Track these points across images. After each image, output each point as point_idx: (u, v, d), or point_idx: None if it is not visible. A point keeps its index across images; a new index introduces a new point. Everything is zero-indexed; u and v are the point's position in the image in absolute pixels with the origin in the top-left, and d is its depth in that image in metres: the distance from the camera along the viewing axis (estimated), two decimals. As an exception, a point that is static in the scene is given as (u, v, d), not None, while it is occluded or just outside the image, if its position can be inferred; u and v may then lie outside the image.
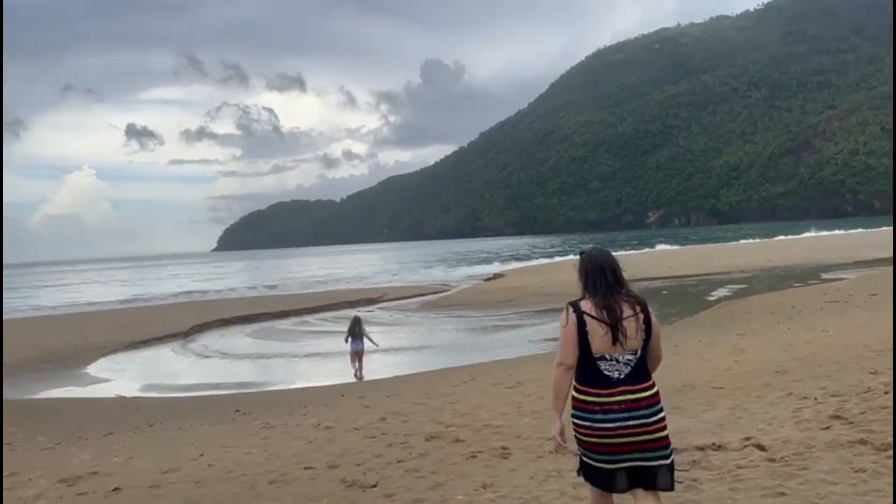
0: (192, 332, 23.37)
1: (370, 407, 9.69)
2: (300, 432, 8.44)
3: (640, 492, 3.30)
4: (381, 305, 29.98)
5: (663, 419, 3.28)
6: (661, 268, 37.46)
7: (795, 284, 26.54)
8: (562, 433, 3.40)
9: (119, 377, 16.09)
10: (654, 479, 3.26)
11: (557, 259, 60.94)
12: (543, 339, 17.76)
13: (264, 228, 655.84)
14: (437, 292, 35.16)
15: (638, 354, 3.29)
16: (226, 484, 6.40)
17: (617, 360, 3.25)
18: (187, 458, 7.58)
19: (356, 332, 15.20)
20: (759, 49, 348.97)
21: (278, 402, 11.39)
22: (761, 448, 5.54)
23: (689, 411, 7.49)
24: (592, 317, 3.27)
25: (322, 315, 27.35)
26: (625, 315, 3.28)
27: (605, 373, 3.24)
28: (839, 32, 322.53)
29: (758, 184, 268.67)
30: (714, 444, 5.85)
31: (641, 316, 3.32)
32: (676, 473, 4.80)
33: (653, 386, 3.30)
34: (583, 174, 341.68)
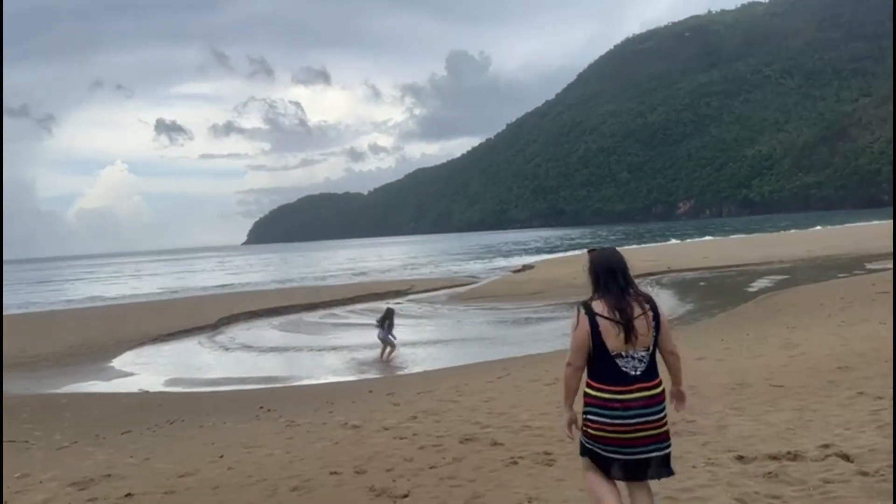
0: (220, 324, 23.08)
1: (400, 405, 9.14)
2: (326, 432, 7.92)
3: (633, 484, 3.45)
4: (409, 297, 29.48)
5: (666, 414, 3.42)
6: (697, 258, 36.47)
7: (840, 275, 25.49)
8: (572, 424, 3.59)
9: (144, 371, 15.76)
10: (649, 470, 3.39)
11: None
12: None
13: (293, 221, 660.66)
14: (465, 284, 34.58)
15: (650, 351, 3.40)
16: (245, 490, 5.89)
17: (633, 357, 3.35)
18: (206, 460, 7.10)
19: (386, 324, 15.23)
20: (793, 35, 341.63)
21: (304, 398, 10.91)
22: (846, 458, 4.86)
23: (749, 413, 6.82)
24: (605, 317, 3.36)
25: (350, 307, 26.92)
26: (635, 314, 3.37)
27: (624, 370, 3.33)
28: (875, 17, 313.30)
29: (791, 173, 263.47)
30: (789, 452, 5.17)
31: (651, 314, 3.40)
32: (751, 487, 4.14)
33: (661, 382, 3.40)
34: (611, 165, 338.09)
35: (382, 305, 27.66)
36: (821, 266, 30.43)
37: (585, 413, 3.44)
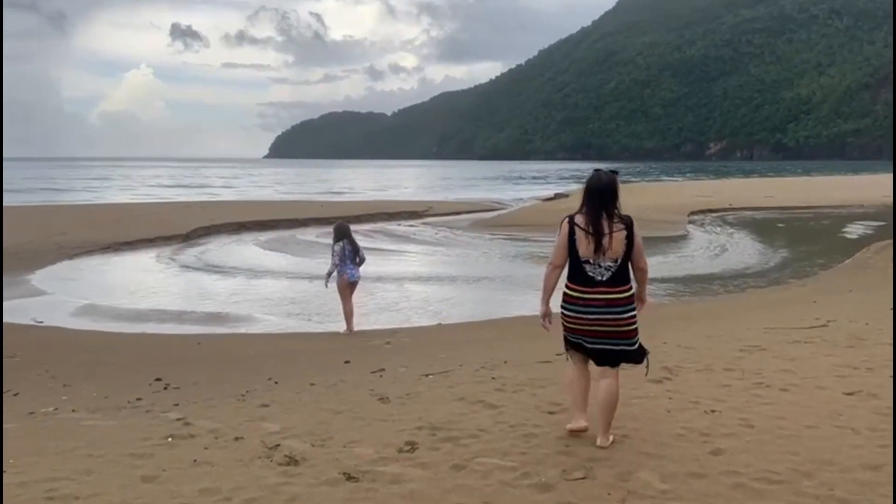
0: (193, 235, 19.19)
1: (390, 401, 4.94)
2: (231, 468, 3.78)
3: (606, 369, 3.90)
4: (425, 220, 25.29)
5: (633, 316, 3.84)
6: (758, 198, 31.76)
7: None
8: (546, 316, 4.03)
9: (62, 290, 11.82)
10: (618, 359, 3.89)
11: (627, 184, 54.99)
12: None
13: (316, 138, 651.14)
14: (491, 210, 30.31)
15: (618, 263, 3.78)
16: None
17: (599, 265, 3.76)
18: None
19: (348, 249, 8.90)
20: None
21: (236, 364, 6.77)
22: None
23: None
24: (581, 228, 3.80)
25: (355, 227, 22.62)
26: (607, 230, 3.75)
27: (590, 274, 3.77)
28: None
29: (829, 119, 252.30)
30: None
31: (624, 233, 3.78)
32: None
33: (630, 289, 3.82)
34: (644, 99, 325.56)
35: (393, 227, 23.62)
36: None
37: (561, 306, 3.87)
